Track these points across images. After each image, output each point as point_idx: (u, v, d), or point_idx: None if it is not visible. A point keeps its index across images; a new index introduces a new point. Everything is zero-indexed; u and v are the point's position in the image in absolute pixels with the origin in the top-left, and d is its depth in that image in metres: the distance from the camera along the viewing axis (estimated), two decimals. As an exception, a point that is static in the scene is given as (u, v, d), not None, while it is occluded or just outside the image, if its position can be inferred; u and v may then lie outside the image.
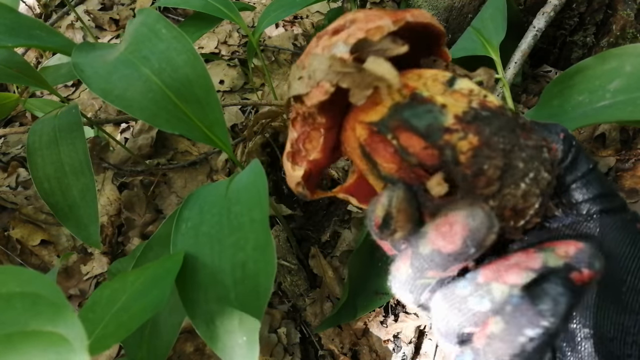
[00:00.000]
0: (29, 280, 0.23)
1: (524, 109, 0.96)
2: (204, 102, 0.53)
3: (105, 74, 0.53)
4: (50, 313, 0.22)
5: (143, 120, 0.51)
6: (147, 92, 0.51)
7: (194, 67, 0.53)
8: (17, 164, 0.97)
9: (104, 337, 0.33)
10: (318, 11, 1.25)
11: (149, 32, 0.56)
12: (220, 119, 0.53)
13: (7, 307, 0.23)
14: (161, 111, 0.50)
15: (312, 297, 0.80)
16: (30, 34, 0.56)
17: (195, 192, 0.49)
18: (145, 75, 0.52)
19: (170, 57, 0.53)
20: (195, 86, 0.53)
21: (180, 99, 0.52)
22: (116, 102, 0.50)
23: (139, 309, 0.36)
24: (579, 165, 0.24)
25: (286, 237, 0.84)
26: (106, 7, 1.29)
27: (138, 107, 0.50)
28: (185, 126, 0.51)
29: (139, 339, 0.47)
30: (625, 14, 0.89)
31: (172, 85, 0.52)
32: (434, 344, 0.74)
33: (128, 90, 0.51)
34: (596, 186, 0.23)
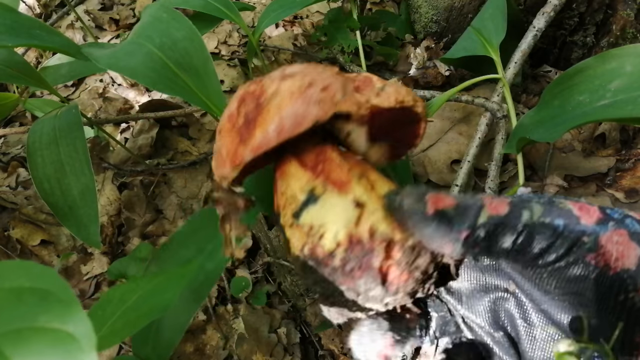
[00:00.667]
0: (39, 275, 0.24)
1: (524, 109, 0.96)
2: (201, 72, 0.58)
3: (111, 53, 0.58)
4: (60, 309, 0.22)
5: (145, 85, 0.56)
6: (149, 62, 0.56)
7: (191, 41, 0.58)
8: (17, 164, 0.97)
9: (110, 334, 0.34)
10: (318, 11, 1.25)
11: (152, 19, 0.61)
12: (217, 88, 0.58)
13: (18, 302, 0.23)
14: (162, 78, 0.56)
15: (312, 297, 0.80)
16: (31, 34, 0.56)
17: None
18: (147, 48, 0.58)
19: (170, 33, 0.59)
20: (194, 58, 0.58)
21: (179, 68, 0.57)
22: (122, 70, 0.57)
23: (147, 309, 0.36)
24: (501, 238, 0.26)
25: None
26: (106, 7, 1.29)
27: (141, 74, 0.55)
28: (184, 92, 0.56)
29: (146, 337, 0.49)
30: (625, 14, 0.89)
31: (172, 57, 0.57)
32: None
33: (131, 61, 0.57)
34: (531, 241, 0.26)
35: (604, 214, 0.26)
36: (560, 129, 0.52)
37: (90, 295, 0.82)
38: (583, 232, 0.25)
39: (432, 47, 1.03)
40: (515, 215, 0.26)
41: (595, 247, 0.25)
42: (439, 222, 0.26)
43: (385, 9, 1.20)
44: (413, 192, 0.28)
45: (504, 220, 0.26)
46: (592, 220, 0.25)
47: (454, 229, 0.26)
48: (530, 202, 0.26)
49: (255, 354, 0.73)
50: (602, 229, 0.25)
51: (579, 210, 0.26)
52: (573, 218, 0.25)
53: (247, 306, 0.79)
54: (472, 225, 0.26)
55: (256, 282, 0.83)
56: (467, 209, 0.26)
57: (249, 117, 0.29)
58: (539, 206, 0.26)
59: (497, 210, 0.26)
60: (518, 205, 0.26)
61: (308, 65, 0.30)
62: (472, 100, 0.83)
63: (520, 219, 0.25)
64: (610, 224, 0.25)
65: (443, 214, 0.26)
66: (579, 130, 0.92)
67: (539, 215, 0.25)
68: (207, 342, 0.76)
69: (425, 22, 1.05)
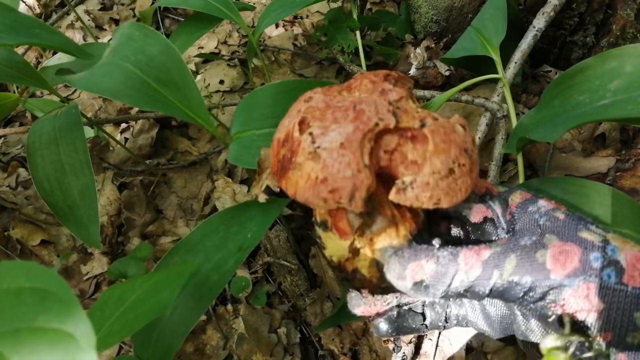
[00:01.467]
0: (38, 275, 0.23)
1: (524, 109, 0.96)
2: (180, 84, 0.58)
3: (89, 75, 0.58)
4: (59, 310, 0.22)
5: (127, 103, 0.57)
6: (127, 81, 0.56)
7: (168, 55, 0.59)
8: (17, 164, 0.97)
9: (109, 334, 0.33)
10: (318, 11, 1.25)
11: (124, 39, 0.62)
12: (198, 98, 0.58)
13: (17, 301, 0.23)
14: (142, 95, 0.56)
15: (312, 297, 0.80)
16: (31, 33, 0.56)
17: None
18: (125, 67, 0.58)
19: (144, 49, 0.59)
20: (172, 71, 0.58)
21: (158, 84, 0.57)
22: (101, 92, 0.57)
23: (145, 309, 0.36)
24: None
25: (286, 237, 0.84)
26: (106, 7, 1.29)
27: (122, 94, 0.56)
28: (165, 107, 0.56)
29: (147, 341, 0.49)
30: (625, 14, 0.89)
31: (150, 73, 0.58)
32: (433, 344, 0.74)
33: (110, 82, 0.57)
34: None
35: (583, 262, 0.28)
36: (560, 129, 0.52)
37: (90, 295, 0.82)
38: (550, 286, 0.28)
39: (432, 47, 1.03)
40: (486, 277, 0.30)
41: (558, 300, 0.28)
42: (415, 290, 0.31)
43: (385, 9, 1.20)
44: (396, 267, 0.32)
45: (474, 283, 0.30)
46: (565, 273, 0.28)
47: (429, 294, 0.31)
48: (507, 257, 0.30)
49: (255, 354, 0.73)
50: (570, 283, 0.28)
51: (553, 262, 0.28)
52: (543, 273, 0.28)
53: (247, 306, 0.79)
54: (445, 290, 0.30)
55: (256, 282, 0.83)
56: (443, 277, 0.30)
57: (284, 162, 0.32)
58: (514, 260, 0.29)
59: (469, 275, 0.30)
60: (492, 263, 0.30)
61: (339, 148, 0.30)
62: (472, 100, 0.83)
63: (489, 280, 0.29)
64: (581, 278, 0.28)
65: (420, 284, 0.31)
66: (579, 130, 0.92)
67: (510, 273, 0.29)
68: (207, 342, 0.76)
69: (425, 22, 1.05)
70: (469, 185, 0.31)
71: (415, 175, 0.30)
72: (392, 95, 0.33)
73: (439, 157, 0.30)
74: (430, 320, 0.40)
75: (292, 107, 0.35)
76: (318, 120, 0.31)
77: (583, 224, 0.30)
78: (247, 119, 0.59)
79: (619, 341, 0.27)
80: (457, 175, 0.31)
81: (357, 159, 0.30)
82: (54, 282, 0.23)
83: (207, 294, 0.49)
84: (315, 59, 1.15)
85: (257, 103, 0.60)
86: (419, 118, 0.31)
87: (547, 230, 0.30)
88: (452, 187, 0.31)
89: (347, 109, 0.31)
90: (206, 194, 0.93)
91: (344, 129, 0.30)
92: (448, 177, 0.30)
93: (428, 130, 0.31)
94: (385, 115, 0.31)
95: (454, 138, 0.31)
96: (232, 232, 0.54)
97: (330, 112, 0.31)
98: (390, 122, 0.31)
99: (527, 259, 0.29)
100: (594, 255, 0.28)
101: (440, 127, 0.31)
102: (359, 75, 0.35)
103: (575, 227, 0.30)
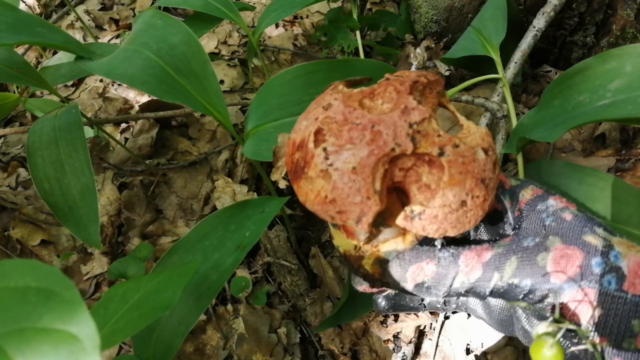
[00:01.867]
0: (44, 275, 0.23)
1: (524, 109, 0.96)
2: (201, 76, 0.57)
3: (107, 61, 0.57)
4: (64, 310, 0.22)
5: (145, 92, 0.56)
6: (147, 68, 0.55)
7: (189, 45, 0.57)
8: (17, 164, 0.97)
9: (113, 332, 0.33)
10: (318, 11, 1.25)
11: (145, 26, 0.60)
12: (217, 92, 0.56)
13: (23, 301, 0.22)
14: (161, 84, 0.54)
15: (312, 297, 0.80)
16: (32, 31, 0.56)
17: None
18: (145, 55, 0.56)
19: (166, 38, 0.58)
20: (192, 62, 0.57)
21: (178, 74, 0.56)
22: (120, 78, 0.55)
23: (149, 308, 0.36)
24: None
25: (286, 237, 0.84)
26: (106, 7, 1.29)
27: (140, 81, 0.54)
28: (184, 97, 0.55)
29: (147, 341, 0.49)
30: (625, 14, 0.89)
31: (170, 62, 0.56)
32: (433, 344, 0.74)
33: (129, 68, 0.55)
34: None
35: (584, 267, 0.28)
36: (560, 129, 0.52)
37: (90, 295, 0.82)
38: (549, 289, 0.28)
39: (432, 47, 1.03)
40: (486, 278, 0.30)
41: (556, 303, 0.28)
42: (417, 291, 0.32)
43: (385, 9, 1.20)
44: (397, 271, 0.32)
45: (475, 284, 0.30)
46: (565, 277, 0.28)
47: (431, 294, 0.32)
48: (508, 259, 0.30)
49: (255, 354, 0.73)
50: (570, 287, 0.28)
51: (554, 266, 0.29)
52: (543, 277, 0.29)
53: (247, 306, 0.79)
54: (446, 291, 0.31)
55: (256, 282, 0.83)
56: (443, 278, 0.31)
57: (297, 167, 0.33)
58: (514, 263, 0.30)
59: (469, 276, 0.30)
60: (492, 265, 0.30)
61: (351, 173, 0.30)
62: (472, 100, 0.83)
63: (489, 282, 0.30)
64: (581, 283, 0.28)
65: (421, 285, 0.32)
66: (579, 130, 0.92)
67: (510, 276, 0.29)
68: (207, 342, 0.76)
69: (425, 22, 1.05)
70: (479, 216, 0.31)
71: (424, 207, 0.30)
72: (414, 117, 0.31)
73: (452, 190, 0.30)
74: (429, 301, 0.41)
75: (312, 107, 0.34)
76: (333, 136, 0.31)
77: (589, 226, 0.30)
78: (264, 112, 0.59)
79: (615, 346, 0.27)
80: (468, 208, 0.30)
81: (367, 185, 0.29)
82: (59, 282, 0.23)
83: (206, 293, 0.49)
84: (315, 59, 1.15)
85: (272, 93, 0.60)
86: (438, 145, 0.30)
87: (551, 232, 0.30)
88: (460, 220, 0.30)
89: (365, 129, 0.30)
90: (206, 194, 0.93)
91: (358, 152, 0.29)
92: (459, 210, 0.30)
93: (446, 160, 0.30)
94: (403, 140, 0.30)
95: (472, 169, 0.30)
96: (230, 231, 0.54)
97: (347, 129, 0.31)
98: (408, 149, 0.30)
99: (528, 262, 0.29)
100: (596, 260, 0.28)
101: (459, 156, 0.30)
102: (384, 82, 0.33)
103: (581, 230, 0.30)
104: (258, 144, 0.57)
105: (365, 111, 0.32)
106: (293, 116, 0.57)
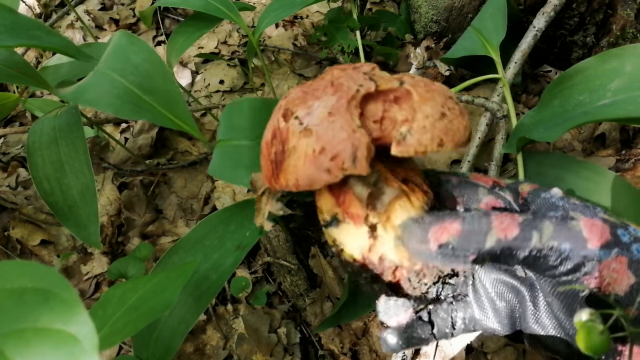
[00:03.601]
0: (41, 275, 0.23)
1: (524, 109, 0.96)
2: (164, 91, 0.58)
3: (77, 87, 0.59)
4: (62, 310, 0.22)
5: (111, 112, 0.57)
6: (112, 89, 0.57)
7: (151, 62, 0.59)
8: (17, 164, 0.97)
9: (111, 333, 0.33)
10: (318, 11, 1.25)
11: (113, 47, 0.62)
12: (182, 105, 0.58)
13: (20, 302, 0.22)
14: (125, 104, 0.56)
15: (312, 297, 0.80)
16: (30, 34, 0.56)
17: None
18: (110, 77, 0.58)
19: (129, 58, 0.59)
20: (156, 78, 0.58)
21: (142, 91, 0.57)
22: (86, 102, 0.59)
23: (147, 309, 0.36)
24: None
25: (286, 237, 0.84)
26: (106, 7, 1.29)
27: (104, 103, 0.56)
28: (149, 114, 0.56)
29: (147, 341, 0.49)
30: (625, 14, 0.89)
31: (134, 81, 0.58)
32: (433, 344, 0.74)
33: (95, 92, 0.57)
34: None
35: (614, 236, 0.28)
36: (560, 129, 0.52)
37: (90, 295, 0.82)
38: (586, 257, 0.27)
39: (432, 47, 1.03)
40: (525, 238, 0.28)
41: (593, 271, 0.27)
42: (443, 255, 0.29)
43: (385, 9, 1.20)
44: (417, 232, 0.30)
45: (512, 243, 0.28)
46: (599, 243, 0.27)
47: (459, 257, 0.29)
48: (542, 222, 0.28)
49: (255, 354, 0.73)
50: (605, 255, 0.27)
51: (589, 232, 0.28)
52: (580, 241, 0.27)
53: (247, 306, 0.79)
54: (477, 249, 0.28)
55: (256, 282, 0.83)
56: (472, 235, 0.29)
57: (277, 158, 0.32)
58: (550, 226, 0.28)
59: (506, 233, 0.28)
60: (529, 225, 0.28)
61: (328, 117, 0.30)
62: (472, 100, 0.83)
63: (529, 242, 0.28)
64: (614, 251, 0.27)
65: (446, 246, 0.29)
66: (579, 130, 0.92)
67: (548, 238, 0.28)
68: (207, 342, 0.76)
69: (425, 22, 1.05)
70: (465, 126, 0.31)
71: (410, 123, 0.30)
72: (364, 68, 0.33)
73: (427, 104, 0.31)
74: (437, 329, 0.39)
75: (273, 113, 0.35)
76: (300, 105, 0.32)
77: (599, 209, 0.30)
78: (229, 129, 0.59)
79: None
80: (450, 117, 0.30)
81: (348, 121, 0.30)
82: (57, 282, 0.23)
83: (206, 293, 0.50)
84: (315, 59, 1.15)
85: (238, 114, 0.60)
86: (396, 79, 0.32)
87: (569, 209, 0.29)
88: (449, 127, 0.30)
89: (326, 87, 0.32)
90: (206, 194, 0.93)
91: (327, 102, 0.31)
92: (442, 119, 0.30)
93: (408, 85, 0.31)
94: (363, 82, 0.31)
95: (436, 88, 0.32)
96: (231, 231, 0.54)
97: (310, 94, 0.32)
98: (371, 86, 0.31)
99: (564, 225, 0.28)
100: (621, 231, 0.28)
101: (419, 81, 0.32)
102: (328, 68, 0.35)
103: (593, 209, 0.30)
104: (222, 160, 0.57)
105: (320, 79, 0.33)
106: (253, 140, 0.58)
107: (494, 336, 0.40)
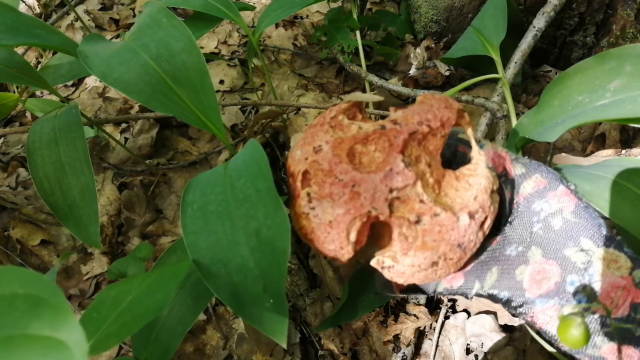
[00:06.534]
0: (30, 281, 0.23)
1: (524, 108, 0.96)
2: (198, 86, 0.54)
3: (106, 58, 0.54)
4: (51, 316, 0.22)
5: (138, 101, 0.52)
6: (144, 76, 0.52)
7: (190, 54, 0.54)
8: (17, 164, 0.97)
9: (106, 337, 0.33)
10: (318, 11, 1.25)
11: (150, 21, 0.57)
12: (214, 104, 0.54)
13: (10, 308, 0.22)
14: (156, 94, 0.52)
15: (312, 297, 0.80)
16: (31, 33, 0.55)
17: (195, 179, 0.49)
18: (144, 60, 0.54)
19: (168, 43, 0.55)
20: (191, 71, 0.54)
21: (175, 83, 0.53)
22: (114, 84, 0.52)
23: (142, 311, 0.36)
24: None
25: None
26: (106, 7, 1.29)
27: (134, 89, 0.51)
28: (179, 109, 0.52)
29: (145, 340, 0.49)
30: (625, 14, 0.89)
31: (169, 70, 0.53)
32: (433, 344, 0.74)
33: (126, 73, 0.52)
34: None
35: (558, 286, 0.30)
36: (560, 129, 0.52)
37: (90, 295, 0.82)
38: (524, 302, 0.31)
39: (432, 47, 1.03)
40: (467, 287, 0.33)
41: (528, 312, 0.31)
42: (405, 293, 0.36)
43: (385, 9, 1.20)
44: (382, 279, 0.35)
45: (456, 291, 0.34)
46: (539, 293, 0.31)
47: (419, 293, 0.36)
48: (487, 271, 0.32)
49: (255, 354, 0.73)
50: (541, 303, 0.30)
51: (530, 282, 0.31)
52: (519, 291, 0.31)
53: (247, 306, 0.79)
54: (433, 293, 0.35)
55: (256, 282, 0.83)
56: (426, 286, 0.35)
57: (291, 189, 0.36)
58: (494, 275, 0.32)
59: (451, 283, 0.34)
60: (473, 274, 0.33)
61: (328, 225, 0.32)
62: (472, 100, 0.83)
63: (471, 290, 0.33)
64: (552, 300, 0.30)
65: (406, 290, 0.35)
66: (579, 130, 0.92)
67: (490, 287, 0.32)
68: (207, 342, 0.76)
69: (425, 22, 1.05)
70: (450, 272, 0.33)
71: (394, 263, 0.32)
72: (396, 182, 0.30)
73: (423, 253, 0.30)
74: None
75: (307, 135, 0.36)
76: (317, 184, 0.32)
77: (575, 237, 0.30)
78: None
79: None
80: (439, 267, 0.31)
81: (341, 239, 0.31)
82: (47, 288, 0.23)
83: (204, 293, 0.49)
84: (315, 59, 1.15)
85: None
86: (416, 213, 0.30)
87: (535, 242, 0.32)
88: (429, 277, 0.32)
89: (345, 186, 0.31)
90: (206, 194, 0.93)
91: (335, 209, 0.31)
92: (428, 269, 0.31)
93: (421, 229, 0.30)
94: (379, 205, 0.30)
95: (449, 237, 0.30)
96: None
97: (330, 182, 0.32)
98: (384, 214, 0.31)
99: (507, 275, 0.32)
100: (571, 278, 0.30)
101: (436, 225, 0.30)
102: (379, 130, 0.32)
103: (564, 242, 0.30)
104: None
105: (351, 167, 0.31)
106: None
107: (494, 336, 0.41)
